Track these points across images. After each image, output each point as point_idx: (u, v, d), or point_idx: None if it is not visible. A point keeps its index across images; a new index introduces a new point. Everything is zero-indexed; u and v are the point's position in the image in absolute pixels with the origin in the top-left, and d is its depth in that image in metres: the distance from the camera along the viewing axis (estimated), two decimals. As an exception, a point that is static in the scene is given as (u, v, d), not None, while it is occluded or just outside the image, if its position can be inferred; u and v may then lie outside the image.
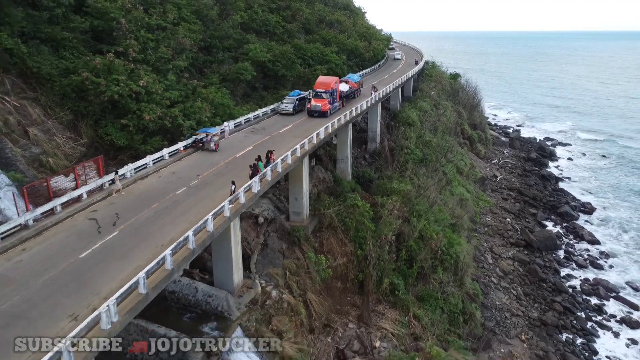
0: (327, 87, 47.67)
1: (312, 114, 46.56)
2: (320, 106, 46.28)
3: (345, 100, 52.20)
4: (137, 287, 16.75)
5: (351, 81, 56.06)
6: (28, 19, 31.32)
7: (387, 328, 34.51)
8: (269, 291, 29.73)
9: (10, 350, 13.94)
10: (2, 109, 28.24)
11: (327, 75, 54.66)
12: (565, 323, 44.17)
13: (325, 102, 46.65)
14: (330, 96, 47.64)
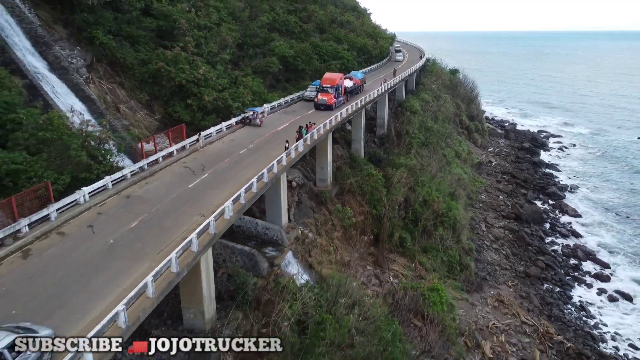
0: (332, 83, 51.49)
1: (318, 107, 50.43)
2: (326, 100, 50.32)
3: (349, 95, 56.05)
4: (223, 214, 24.34)
5: (355, 78, 60.02)
6: (114, 20, 39.55)
7: (398, 270, 42.73)
8: (306, 234, 37.91)
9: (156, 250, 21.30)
10: (101, 90, 36.50)
11: (333, 72, 58.75)
12: (546, 276, 52.38)
13: (331, 97, 50.59)
14: (336, 91, 51.44)
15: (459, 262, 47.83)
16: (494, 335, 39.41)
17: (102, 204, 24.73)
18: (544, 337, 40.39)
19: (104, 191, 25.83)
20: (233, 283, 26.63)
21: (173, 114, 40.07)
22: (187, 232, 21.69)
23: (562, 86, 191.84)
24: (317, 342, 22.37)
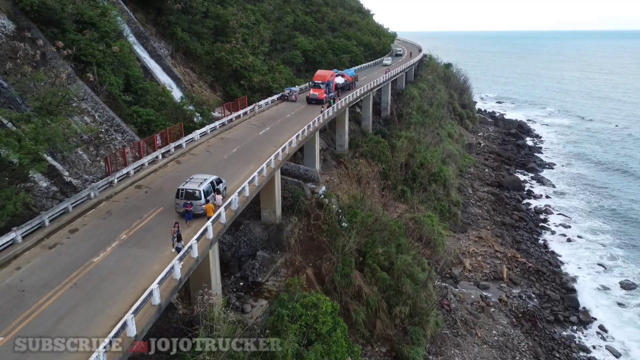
0: (323, 79, 55.16)
1: (310, 101, 54.23)
2: (317, 95, 53.92)
3: (341, 91, 59.64)
4: (291, 143, 37.39)
5: (347, 75, 64.14)
6: (186, 21, 52.54)
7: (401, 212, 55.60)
8: (332, 179, 50.87)
9: (253, 161, 34.44)
10: (183, 72, 49.46)
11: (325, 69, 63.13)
12: (519, 225, 65.19)
13: (322, 92, 54.11)
14: (327, 87, 54.93)
15: (449, 211, 60.76)
16: (473, 257, 52.42)
17: (208, 142, 37.77)
18: (511, 260, 53.34)
19: (205, 135, 38.86)
20: (290, 199, 39.55)
21: (230, 91, 53.02)
22: (268, 155, 34.57)
23: (550, 82, 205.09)
24: (353, 223, 35.36)
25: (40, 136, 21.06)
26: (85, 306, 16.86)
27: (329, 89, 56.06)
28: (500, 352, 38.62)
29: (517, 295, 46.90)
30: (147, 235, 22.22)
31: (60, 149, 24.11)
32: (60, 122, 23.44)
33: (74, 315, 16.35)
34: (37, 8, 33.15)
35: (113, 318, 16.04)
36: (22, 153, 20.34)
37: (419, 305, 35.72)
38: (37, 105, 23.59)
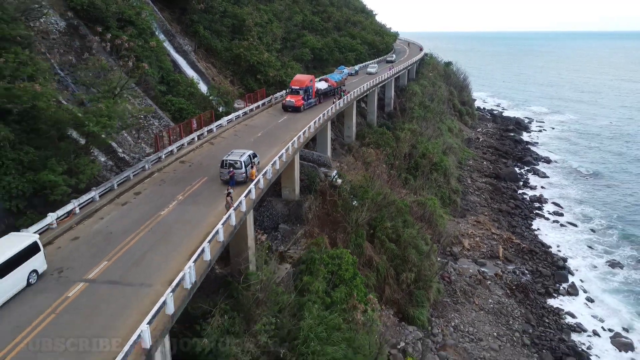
0: (301, 85, 51.21)
1: (286, 108, 50.43)
2: (294, 102, 50.21)
3: (323, 97, 56.11)
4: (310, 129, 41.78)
5: (331, 80, 59.77)
6: (207, 19, 56.92)
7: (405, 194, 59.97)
8: (342, 165, 55.25)
9: (278, 143, 38.81)
10: (205, 67, 53.84)
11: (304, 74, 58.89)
12: (515, 212, 69.64)
13: (299, 98, 50.51)
14: (305, 93, 51.22)
15: (449, 198, 65.22)
16: (471, 238, 56.86)
17: (235, 128, 42.22)
18: (507, 241, 57.78)
19: (231, 122, 43.30)
20: (306, 181, 43.93)
21: (247, 85, 57.38)
22: (290, 139, 38.94)
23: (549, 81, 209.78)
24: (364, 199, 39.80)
25: (112, 114, 25.45)
26: (163, 244, 21.28)
27: (308, 94, 52.10)
28: (496, 317, 43.03)
29: (512, 271, 51.30)
30: (199, 198, 26.64)
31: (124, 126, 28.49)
32: (123, 103, 27.83)
33: (155, 250, 20.76)
34: (86, 7, 37.49)
35: (186, 253, 20.43)
36: (99, 126, 24.72)
37: (423, 273, 40.17)
38: (105, 89, 27.99)
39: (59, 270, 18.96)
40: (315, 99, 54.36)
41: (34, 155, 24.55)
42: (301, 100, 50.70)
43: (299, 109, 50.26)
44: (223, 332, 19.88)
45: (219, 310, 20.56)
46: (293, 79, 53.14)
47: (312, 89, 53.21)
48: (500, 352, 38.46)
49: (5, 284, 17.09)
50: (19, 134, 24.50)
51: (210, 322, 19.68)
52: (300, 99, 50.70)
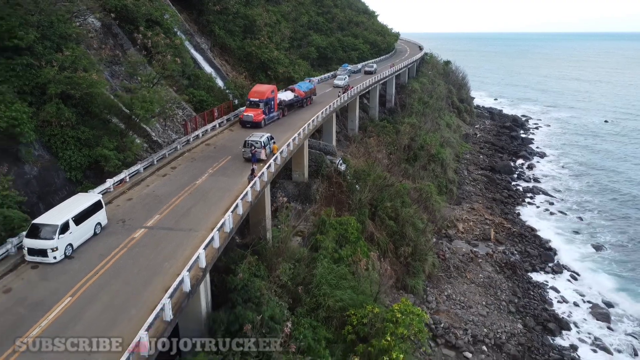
0: (261, 96, 45.49)
1: (244, 124, 44.35)
2: (252, 116, 44.22)
3: (287, 110, 51.35)
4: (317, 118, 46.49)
5: (298, 89, 54.91)
6: (222, 20, 61.67)
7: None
8: (346, 154, 59.87)
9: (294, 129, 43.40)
10: (220, 63, 58.56)
11: (264, 84, 51.67)
12: (508, 201, 74.18)
13: (259, 112, 44.79)
14: (265, 105, 45.58)
15: (445, 187, 69.80)
16: (465, 222, 61.45)
17: (250, 117, 46.85)
18: (499, 225, 62.34)
19: (247, 112, 47.93)
20: (314, 166, 48.55)
21: (259, 80, 62.00)
22: (300, 126, 43.52)
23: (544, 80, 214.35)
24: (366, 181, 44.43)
25: (153, 100, 30.16)
26: (202, 204, 25.97)
27: (269, 107, 46.55)
28: (485, 289, 47.60)
29: (502, 252, 55.85)
30: (226, 171, 31.34)
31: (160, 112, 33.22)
32: (159, 92, 32.54)
33: (196, 208, 25.45)
34: (119, 9, 42.22)
35: (222, 209, 25.09)
36: (144, 110, 29.44)
37: (419, 247, 44.80)
38: (145, 79, 32.71)
39: (122, 221, 23.67)
40: (278, 112, 48.84)
41: (89, 134, 29.31)
42: (261, 115, 44.79)
43: (259, 124, 44.13)
44: (251, 275, 24.52)
45: (247, 259, 25.22)
46: (252, 90, 46.96)
47: (274, 100, 47.59)
48: (488, 317, 43.04)
49: (81, 230, 21.74)
50: (77, 116, 29.23)
51: (241, 266, 24.32)
52: (260, 112, 44.71)
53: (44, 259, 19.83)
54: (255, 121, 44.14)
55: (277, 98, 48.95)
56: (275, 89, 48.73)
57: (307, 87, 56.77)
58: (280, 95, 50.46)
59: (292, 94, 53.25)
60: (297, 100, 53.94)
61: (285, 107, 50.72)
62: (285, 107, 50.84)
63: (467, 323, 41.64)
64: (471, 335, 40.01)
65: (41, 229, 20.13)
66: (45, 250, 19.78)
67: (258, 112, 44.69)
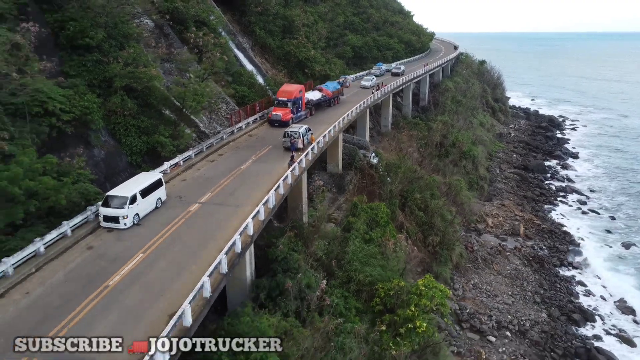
0: (289, 96, 46.50)
1: (272, 123, 45.42)
2: (280, 115, 45.18)
3: (315, 109, 52.21)
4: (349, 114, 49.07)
5: (326, 89, 55.85)
6: (262, 20, 65.08)
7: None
8: (378, 149, 62.24)
9: (332, 120, 46.24)
10: (260, 62, 61.93)
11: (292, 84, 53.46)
12: (540, 199, 74.81)
13: (287, 111, 45.70)
14: (293, 105, 46.57)
15: (477, 183, 71.15)
16: (495, 217, 62.81)
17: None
18: (528, 222, 63.41)
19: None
20: (347, 159, 51.17)
21: (296, 78, 65.16)
22: (335, 120, 46.20)
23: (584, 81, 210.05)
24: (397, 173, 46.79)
25: (203, 93, 33.51)
26: (247, 185, 29.09)
27: (297, 107, 47.73)
28: (511, 280, 49.17)
29: (530, 246, 57.05)
30: (268, 158, 34.46)
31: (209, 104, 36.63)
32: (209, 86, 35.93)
33: (242, 189, 28.61)
34: (170, 11, 45.97)
35: (265, 189, 28.07)
36: (195, 102, 32.82)
37: (447, 237, 46.82)
38: (196, 75, 36.16)
39: (179, 197, 27.03)
40: (306, 111, 49.92)
41: (148, 123, 32.92)
42: (289, 114, 45.81)
43: (287, 123, 44.54)
44: (290, 250, 27.43)
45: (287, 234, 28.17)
46: (280, 89, 48.40)
47: (301, 100, 48.81)
48: (513, 306, 44.70)
49: (146, 203, 25.11)
50: (138, 107, 32.87)
51: (282, 240, 27.27)
52: (288, 112, 45.73)
53: (116, 225, 23.27)
54: (284, 120, 45.01)
55: (305, 97, 50.15)
56: (303, 88, 49.95)
57: (334, 87, 57.79)
58: (308, 95, 51.72)
59: (319, 94, 54.45)
60: (325, 100, 54.99)
61: (312, 107, 51.75)
62: (313, 106, 51.87)
63: (491, 310, 43.46)
64: (495, 321, 41.85)
65: (114, 200, 23.59)
66: (117, 217, 23.21)
67: (286, 111, 45.71)
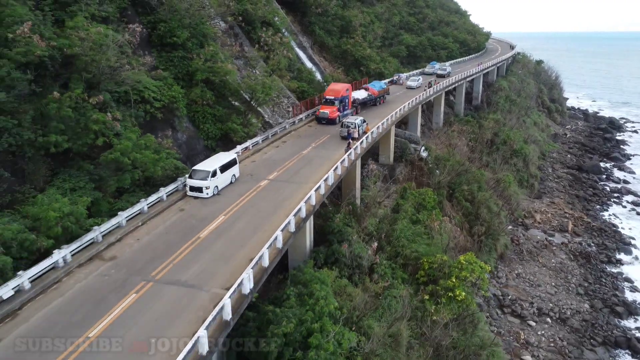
0: (336, 95, 48.01)
1: (320, 121, 46.78)
2: (327, 113, 46.54)
3: (360, 108, 53.79)
4: (403, 108, 52.19)
5: (372, 88, 57.51)
6: (322, 21, 69.11)
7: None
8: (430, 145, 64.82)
9: (373, 122, 49.63)
10: (319, 60, 66.00)
11: (338, 83, 55.83)
12: (592, 199, 74.61)
13: (334, 109, 47.05)
14: (340, 103, 48.01)
15: (527, 181, 72.14)
16: (543, 214, 63.86)
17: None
18: (578, 219, 63.99)
19: (341, 102, 54.84)
20: (399, 152, 54.25)
21: (351, 75, 68.78)
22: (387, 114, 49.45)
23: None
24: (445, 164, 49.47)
25: (272, 86, 37.80)
26: (308, 166, 33.14)
27: (344, 105, 49.22)
28: (556, 273, 50.63)
29: (578, 242, 57.92)
30: (326, 145, 38.37)
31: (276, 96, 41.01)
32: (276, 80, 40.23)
33: (304, 169, 32.64)
34: (240, 13, 50.73)
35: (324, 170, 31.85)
36: (264, 94, 37.18)
37: (492, 228, 49.00)
38: (264, 70, 40.57)
39: (250, 175, 31.38)
40: (352, 110, 51.62)
41: (222, 112, 37.56)
42: (336, 112, 47.17)
43: (334, 121, 46.31)
44: (344, 225, 31.14)
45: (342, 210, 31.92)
46: (327, 88, 50.33)
47: (348, 98, 50.41)
48: (555, 295, 46.38)
49: (224, 177, 29.52)
50: (214, 97, 37.59)
51: (338, 215, 31.03)
52: (335, 110, 47.16)
53: (200, 194, 27.79)
54: (331, 118, 46.48)
55: (351, 96, 52.16)
56: (350, 87, 51.89)
57: (380, 86, 59.13)
58: (354, 94, 53.55)
59: (365, 93, 56.19)
60: (370, 99, 56.64)
61: (358, 105, 53.34)
62: (359, 105, 53.51)
63: (533, 298, 45.40)
64: (537, 308, 43.83)
65: (198, 173, 28.15)
66: (201, 187, 27.73)
67: (333, 109, 47.13)
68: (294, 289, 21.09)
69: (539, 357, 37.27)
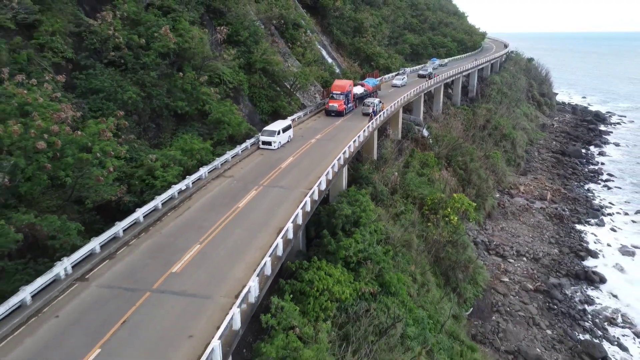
0: (342, 90, 52.83)
1: (329, 113, 52.23)
2: (336, 106, 52.05)
3: (358, 102, 57.74)
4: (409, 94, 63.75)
5: (367, 84, 62.25)
6: (338, 22, 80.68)
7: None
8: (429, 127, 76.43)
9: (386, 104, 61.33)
10: (336, 56, 77.57)
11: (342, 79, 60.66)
12: (571, 177, 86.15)
13: (341, 103, 52.22)
14: (345, 97, 52.85)
15: (514, 160, 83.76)
16: (527, 186, 75.50)
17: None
18: (556, 191, 75.61)
19: (358, 90, 66.59)
20: (404, 131, 65.85)
21: (365, 69, 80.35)
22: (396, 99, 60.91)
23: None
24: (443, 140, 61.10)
25: (310, 74, 49.42)
26: (341, 133, 44.73)
27: (348, 99, 53.96)
28: (533, 229, 62.23)
29: (554, 208, 69.54)
30: (352, 120, 50.17)
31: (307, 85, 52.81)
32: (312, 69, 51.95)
33: (338, 135, 44.21)
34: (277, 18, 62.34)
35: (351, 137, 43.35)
36: (304, 79, 48.86)
37: (482, 190, 60.61)
38: (303, 62, 52.14)
39: (302, 136, 43.08)
40: (353, 104, 55.99)
41: (272, 93, 49.21)
42: (343, 105, 52.27)
43: (342, 113, 52.04)
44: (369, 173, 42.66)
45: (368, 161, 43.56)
46: (333, 84, 54.61)
47: (351, 93, 54.96)
48: (531, 243, 58.02)
49: (284, 136, 41.02)
50: (268, 82, 49.23)
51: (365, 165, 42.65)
52: (342, 103, 52.18)
53: (269, 147, 39.35)
54: (340, 110, 52.17)
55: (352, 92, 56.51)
56: (352, 83, 56.73)
57: (373, 83, 64.22)
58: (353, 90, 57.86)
59: (362, 89, 60.61)
60: (365, 94, 60.96)
61: (357, 100, 57.91)
62: (357, 99, 58.10)
63: (513, 244, 57.07)
64: (515, 250, 55.51)
65: (267, 132, 39.76)
66: (270, 142, 39.31)
67: (340, 102, 52.32)
68: (345, 199, 32.76)
69: (514, 280, 48.98)
